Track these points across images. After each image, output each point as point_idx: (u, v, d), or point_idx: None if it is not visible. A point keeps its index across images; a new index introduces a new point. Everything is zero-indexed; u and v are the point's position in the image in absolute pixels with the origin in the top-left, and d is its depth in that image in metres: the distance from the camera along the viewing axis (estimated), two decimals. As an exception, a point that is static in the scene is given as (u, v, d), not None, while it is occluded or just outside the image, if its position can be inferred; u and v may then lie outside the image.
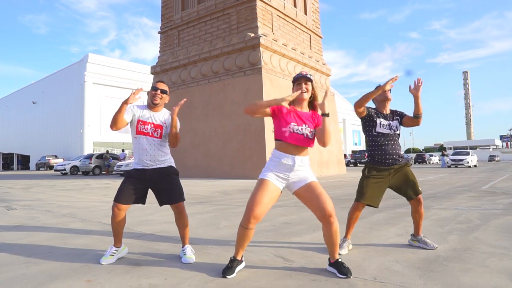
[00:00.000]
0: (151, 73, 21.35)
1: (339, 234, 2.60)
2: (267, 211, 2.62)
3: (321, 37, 22.85)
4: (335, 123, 22.07)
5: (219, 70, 17.85)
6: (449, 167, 27.91)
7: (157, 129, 3.03)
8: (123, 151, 27.64)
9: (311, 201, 2.57)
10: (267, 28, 17.64)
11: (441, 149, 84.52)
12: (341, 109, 48.72)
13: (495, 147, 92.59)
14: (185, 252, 3.04)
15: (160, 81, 3.14)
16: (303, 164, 2.59)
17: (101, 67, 39.84)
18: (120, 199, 2.93)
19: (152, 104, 3.05)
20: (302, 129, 2.55)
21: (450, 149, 79.96)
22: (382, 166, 3.22)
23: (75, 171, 23.64)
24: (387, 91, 3.27)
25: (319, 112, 2.66)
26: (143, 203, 3.07)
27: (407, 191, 3.25)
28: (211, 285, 2.41)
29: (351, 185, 10.88)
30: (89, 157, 24.09)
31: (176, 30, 20.57)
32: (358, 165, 36.65)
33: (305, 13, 21.35)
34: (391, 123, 3.29)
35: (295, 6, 20.30)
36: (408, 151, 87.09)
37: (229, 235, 3.97)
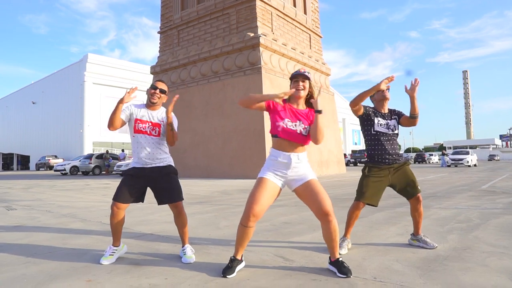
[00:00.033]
0: (151, 73, 21.35)
1: (338, 232, 2.60)
2: (267, 209, 2.63)
3: (320, 37, 22.85)
4: (335, 123, 22.02)
5: (219, 70, 17.85)
6: (449, 166, 27.92)
7: (155, 128, 3.04)
8: (123, 151, 27.63)
9: (309, 199, 2.58)
10: (267, 27, 17.64)
11: (441, 148, 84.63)
12: (341, 109, 48.68)
13: (495, 146, 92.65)
14: (185, 252, 3.04)
15: (159, 80, 3.15)
16: (299, 161, 2.60)
17: (100, 67, 39.84)
18: (119, 198, 2.93)
19: (150, 103, 3.06)
20: (295, 125, 2.57)
21: (449, 148, 79.98)
22: (382, 165, 3.23)
23: (75, 171, 23.64)
24: (385, 90, 3.27)
25: None
26: (142, 201, 3.07)
27: (407, 190, 3.26)
28: (211, 285, 2.42)
29: (351, 185, 10.88)
30: (89, 157, 24.09)
31: (175, 30, 20.57)
32: (358, 164, 36.67)
33: (305, 13, 21.35)
34: (389, 122, 3.28)
35: (294, 5, 20.30)
36: (408, 151, 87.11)
37: (229, 235, 3.97)
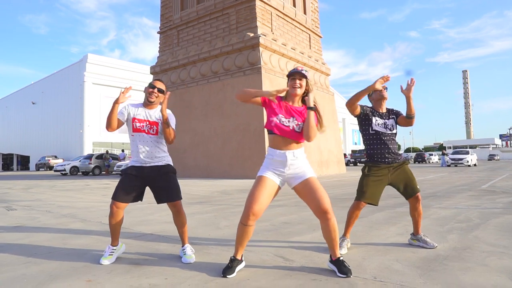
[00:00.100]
0: (151, 73, 21.34)
1: (338, 230, 2.60)
2: (266, 208, 2.63)
3: (320, 37, 22.85)
4: (335, 123, 22.02)
5: (219, 70, 17.85)
6: (449, 166, 27.93)
7: (152, 126, 3.04)
8: (123, 151, 27.62)
9: (308, 197, 2.59)
10: (267, 27, 17.64)
11: (441, 148, 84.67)
12: (340, 109, 48.64)
13: (495, 146, 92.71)
14: (185, 251, 3.04)
15: (157, 80, 3.15)
16: (295, 157, 2.60)
17: (100, 67, 39.83)
18: (118, 197, 2.93)
19: (148, 101, 3.06)
20: (288, 121, 2.58)
21: (449, 148, 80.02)
22: (381, 164, 3.23)
23: (75, 172, 23.63)
24: (383, 90, 3.26)
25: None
26: (141, 200, 3.08)
27: (406, 189, 3.26)
28: (211, 285, 2.42)
29: (351, 185, 10.88)
30: (89, 157, 24.10)
31: (175, 30, 20.57)
32: (357, 164, 36.69)
33: (305, 13, 21.36)
34: (386, 122, 3.28)
35: (294, 5, 20.30)
36: (407, 150, 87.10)
37: (229, 235, 3.97)
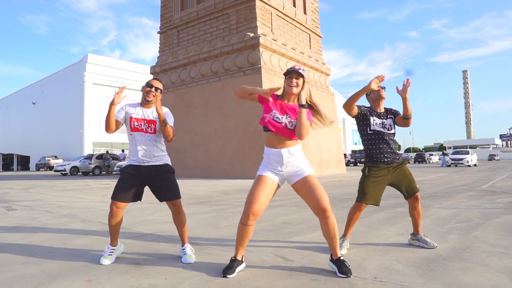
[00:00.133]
0: (151, 73, 21.35)
1: (337, 229, 2.60)
2: (266, 207, 2.64)
3: (320, 37, 22.85)
4: (335, 123, 22.03)
5: (219, 70, 17.85)
6: (449, 166, 27.92)
7: (150, 125, 3.04)
8: (123, 151, 27.66)
9: (306, 195, 2.59)
10: (267, 27, 17.64)
11: (441, 148, 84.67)
12: (340, 109, 48.68)
13: (495, 146, 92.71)
14: (185, 251, 3.04)
15: (155, 79, 3.14)
16: (291, 155, 2.61)
17: (100, 68, 39.85)
18: (118, 197, 2.93)
19: (145, 100, 3.05)
20: (281, 118, 2.60)
21: (450, 148, 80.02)
22: (380, 164, 3.22)
23: (75, 172, 23.64)
24: (381, 89, 3.26)
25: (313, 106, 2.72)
26: (140, 199, 3.08)
27: (405, 189, 3.26)
28: (211, 285, 2.42)
29: (351, 185, 10.89)
30: (89, 157, 24.13)
31: (175, 30, 20.57)
32: (358, 164, 36.69)
33: (305, 13, 21.36)
34: (384, 122, 3.27)
35: (294, 5, 20.30)
36: (408, 151, 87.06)
37: (229, 235, 3.97)
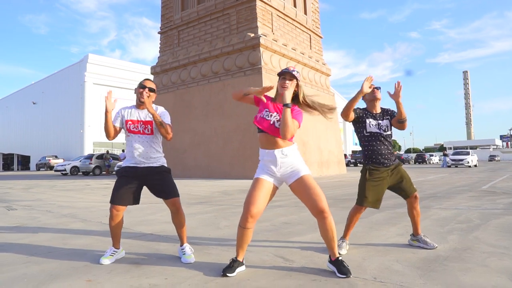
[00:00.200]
0: (151, 73, 21.36)
1: (335, 230, 2.59)
2: (264, 209, 2.64)
3: (321, 37, 22.86)
4: (335, 123, 22.02)
5: (219, 70, 17.86)
6: (449, 167, 27.91)
7: (147, 126, 3.03)
8: (123, 151, 27.63)
9: (303, 196, 2.59)
10: (267, 28, 17.64)
11: (441, 149, 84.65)
12: (340, 109, 48.63)
13: (495, 147, 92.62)
14: (184, 251, 3.04)
15: (147, 79, 3.11)
16: (285, 155, 2.60)
17: (101, 68, 39.87)
18: (116, 200, 2.93)
19: (139, 102, 3.03)
20: (270, 116, 2.61)
21: (450, 149, 79.93)
22: (380, 166, 3.20)
23: (75, 172, 23.65)
24: (376, 90, 3.24)
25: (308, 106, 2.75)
26: (138, 203, 3.06)
27: (404, 190, 3.25)
28: (211, 285, 2.42)
29: (351, 185, 10.89)
30: (89, 157, 24.13)
31: (176, 30, 20.59)
32: (358, 165, 36.70)
33: (305, 13, 21.36)
34: (380, 123, 3.24)
35: (295, 6, 20.31)
36: (408, 151, 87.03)
37: (229, 235, 3.97)
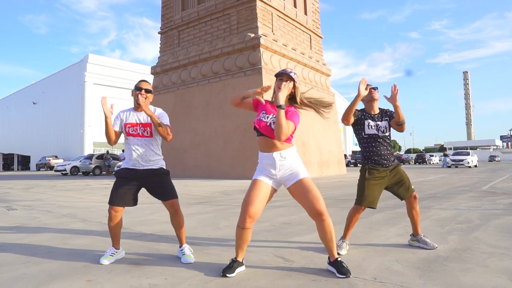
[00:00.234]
0: (151, 73, 21.37)
1: (333, 231, 2.60)
2: (262, 210, 2.64)
3: (321, 37, 22.86)
4: (335, 123, 22.01)
5: (219, 70, 17.86)
6: (449, 167, 27.91)
7: (146, 128, 3.01)
8: (123, 151, 27.56)
9: (302, 198, 2.59)
10: (267, 28, 17.65)
11: (442, 149, 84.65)
12: (341, 110, 48.70)
13: (496, 147, 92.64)
14: (184, 252, 3.04)
15: (143, 80, 3.09)
16: (283, 158, 2.60)
17: (101, 68, 39.87)
18: (115, 201, 2.93)
19: (137, 104, 3.00)
20: (267, 117, 2.61)
21: (450, 149, 79.91)
22: (379, 166, 3.20)
23: (75, 172, 23.65)
24: (374, 91, 3.24)
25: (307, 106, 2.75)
26: (135, 204, 3.05)
27: (402, 190, 3.25)
28: (211, 285, 2.42)
29: (351, 185, 10.88)
30: (90, 157, 24.14)
31: (176, 30, 20.59)
32: (358, 165, 36.72)
33: (305, 13, 21.36)
34: (379, 124, 3.23)
35: (295, 6, 20.31)
36: (408, 151, 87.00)
37: (229, 235, 3.97)
